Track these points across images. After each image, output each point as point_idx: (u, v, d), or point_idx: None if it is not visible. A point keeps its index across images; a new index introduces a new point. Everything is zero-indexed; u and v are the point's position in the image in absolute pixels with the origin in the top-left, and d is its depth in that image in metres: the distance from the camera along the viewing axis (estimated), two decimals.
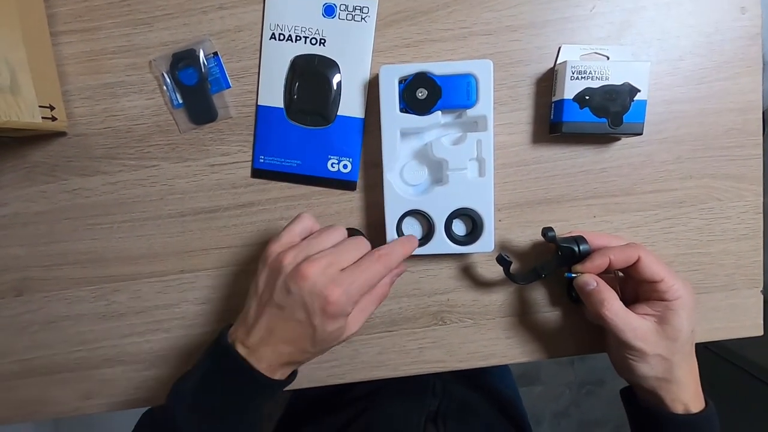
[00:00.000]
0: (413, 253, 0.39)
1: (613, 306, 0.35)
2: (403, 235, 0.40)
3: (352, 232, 0.38)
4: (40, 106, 0.37)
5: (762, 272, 0.42)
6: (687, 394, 0.36)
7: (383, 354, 0.44)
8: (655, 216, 0.41)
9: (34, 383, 0.45)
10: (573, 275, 0.37)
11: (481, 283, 0.43)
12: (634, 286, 0.38)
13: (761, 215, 0.41)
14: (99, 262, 0.43)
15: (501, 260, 0.38)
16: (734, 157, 0.40)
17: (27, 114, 0.36)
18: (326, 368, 0.44)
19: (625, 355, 0.36)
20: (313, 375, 0.44)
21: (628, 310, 0.35)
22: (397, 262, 0.35)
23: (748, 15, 0.39)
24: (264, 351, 0.33)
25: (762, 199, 0.41)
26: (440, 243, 0.39)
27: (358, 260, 0.34)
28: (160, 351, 0.44)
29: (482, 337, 0.43)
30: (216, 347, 0.35)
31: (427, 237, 0.39)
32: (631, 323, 0.35)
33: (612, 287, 0.36)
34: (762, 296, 0.42)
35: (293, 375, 0.37)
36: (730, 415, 1.20)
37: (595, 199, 0.41)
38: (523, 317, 0.43)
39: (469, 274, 0.43)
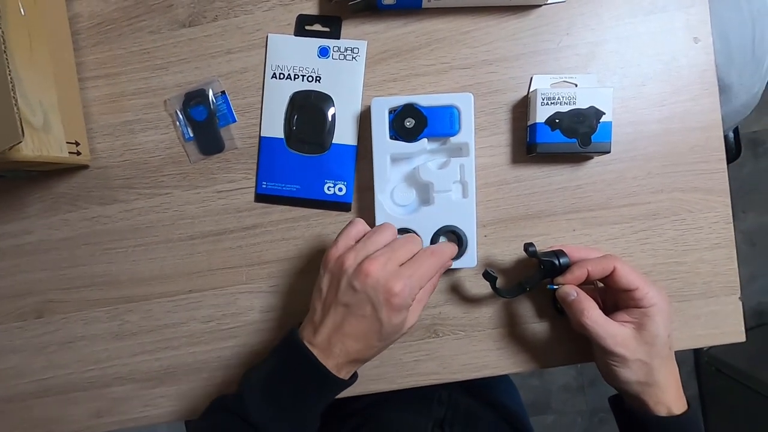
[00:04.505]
0: None
1: (592, 314, 0.37)
2: None
3: (402, 231, 0.41)
4: (67, 143, 0.42)
5: (738, 279, 0.44)
6: (669, 397, 0.37)
7: (380, 367, 0.46)
8: (631, 228, 0.44)
9: (49, 402, 0.47)
10: (555, 287, 0.40)
11: (471, 297, 0.45)
12: (613, 296, 0.40)
13: (731, 225, 0.44)
14: (114, 284, 0.46)
15: (487, 276, 0.41)
16: (701, 172, 0.43)
17: (56, 149, 0.40)
18: None
19: (608, 361, 0.38)
20: None
21: (607, 318, 0.38)
22: (448, 258, 0.39)
23: (701, 44, 0.43)
24: (333, 349, 0.35)
25: (730, 209, 0.43)
26: None
27: (414, 255, 0.37)
28: (169, 368, 0.47)
29: (474, 348, 0.45)
30: (287, 343, 0.37)
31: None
32: (610, 330, 0.37)
33: (592, 297, 0.39)
34: (741, 303, 0.44)
35: (355, 376, 0.39)
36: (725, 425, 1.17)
37: (574, 214, 0.44)
38: (513, 329, 0.45)
39: (459, 288, 0.45)
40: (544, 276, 0.40)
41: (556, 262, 0.39)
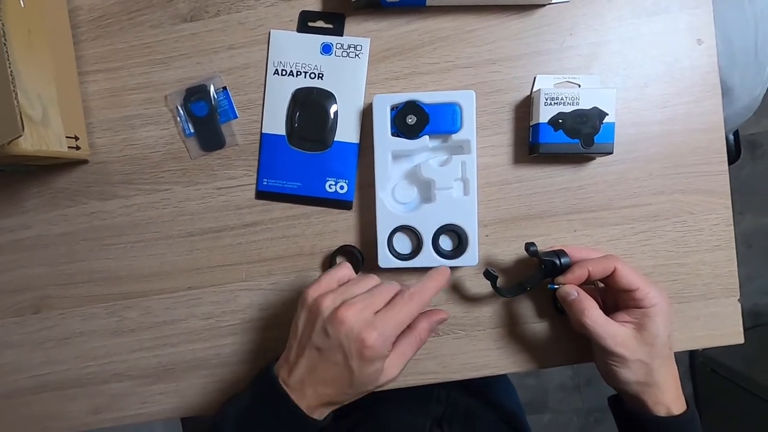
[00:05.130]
0: (405, 266, 0.42)
1: (593, 314, 0.37)
2: (393, 249, 0.42)
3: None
4: (66, 137, 0.41)
5: (738, 281, 0.44)
6: (668, 397, 0.37)
7: None
8: (632, 229, 0.44)
9: (46, 398, 0.47)
10: (556, 287, 0.40)
11: (471, 296, 0.45)
12: (614, 296, 0.40)
13: (732, 227, 0.44)
14: (113, 281, 0.46)
15: (488, 275, 0.41)
16: (702, 174, 0.43)
17: (55, 144, 0.40)
18: None
19: (608, 361, 0.38)
20: None
21: (607, 318, 0.38)
22: (430, 297, 0.36)
23: (705, 46, 0.43)
24: (305, 390, 0.35)
25: (731, 212, 0.43)
26: (428, 257, 0.42)
27: (391, 301, 0.35)
28: (167, 365, 0.47)
29: (474, 348, 0.45)
30: (263, 379, 0.37)
31: (415, 251, 0.42)
32: (610, 330, 0.37)
33: (593, 297, 0.39)
34: (740, 305, 0.44)
35: (330, 416, 0.38)
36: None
37: (575, 215, 0.44)
38: (513, 328, 0.45)
39: (459, 287, 0.45)
40: (545, 276, 0.40)
41: (557, 261, 0.39)
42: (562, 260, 0.39)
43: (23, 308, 0.46)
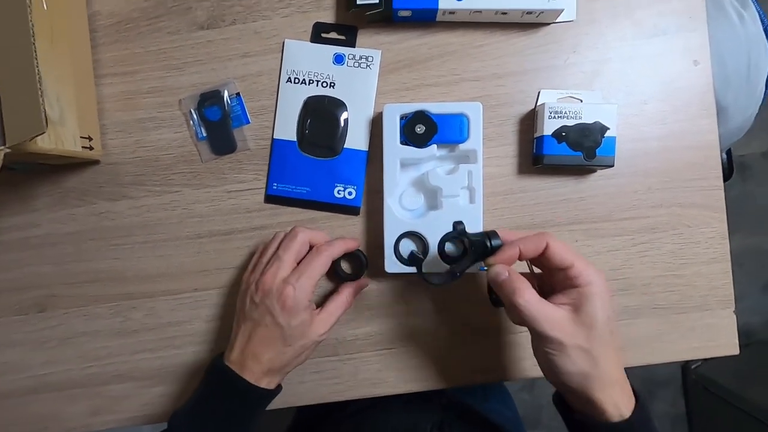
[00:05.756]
0: (411, 272, 0.43)
1: (525, 294, 0.34)
2: (400, 255, 0.43)
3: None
4: (80, 137, 0.42)
5: (733, 293, 0.45)
6: (615, 391, 0.34)
7: (383, 371, 0.46)
8: (632, 240, 0.45)
9: (47, 399, 0.47)
10: (485, 268, 0.36)
11: (474, 302, 0.46)
12: (550, 278, 0.38)
13: (727, 240, 0.45)
14: (118, 281, 0.46)
15: (412, 258, 0.38)
16: (699, 188, 0.45)
17: (70, 143, 0.40)
18: (328, 385, 0.46)
19: (545, 350, 0.34)
20: (315, 392, 0.46)
21: (542, 299, 0.34)
22: (339, 250, 0.42)
23: (700, 67, 0.45)
24: (246, 362, 0.39)
25: (726, 225, 0.45)
26: (434, 262, 0.43)
27: (305, 257, 0.41)
28: (170, 367, 0.47)
29: (479, 353, 0.46)
30: (209, 367, 0.41)
31: (422, 257, 0.43)
32: (545, 312, 0.34)
33: (530, 283, 0.35)
34: (735, 316, 0.46)
35: (279, 387, 0.42)
36: None
37: (576, 225, 0.45)
38: (520, 336, 0.46)
39: (462, 293, 0.46)
40: (476, 259, 0.36)
41: (488, 243, 0.36)
42: (492, 241, 0.36)
43: (28, 306, 0.46)
